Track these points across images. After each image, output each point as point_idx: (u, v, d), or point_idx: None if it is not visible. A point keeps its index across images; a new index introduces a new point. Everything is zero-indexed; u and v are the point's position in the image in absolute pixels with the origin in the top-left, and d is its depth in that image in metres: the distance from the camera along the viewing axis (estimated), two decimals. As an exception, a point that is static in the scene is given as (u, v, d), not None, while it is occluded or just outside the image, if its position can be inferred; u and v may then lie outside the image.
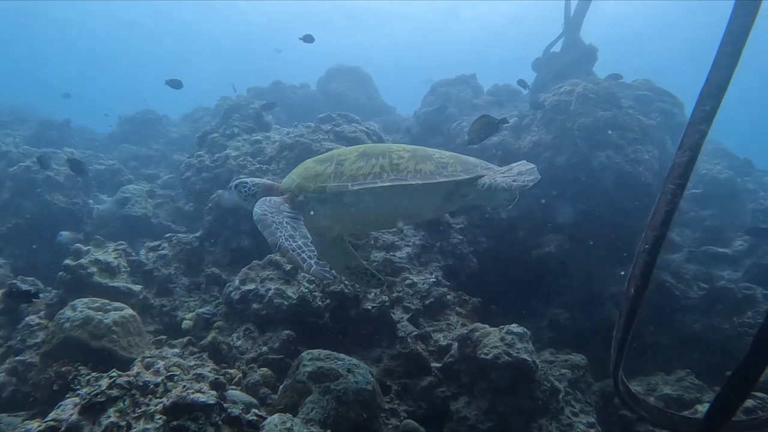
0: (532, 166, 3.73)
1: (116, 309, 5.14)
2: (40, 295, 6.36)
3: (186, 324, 6.10)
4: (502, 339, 4.83)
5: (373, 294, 5.87)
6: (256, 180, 4.27)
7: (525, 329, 4.91)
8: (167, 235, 7.51)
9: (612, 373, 2.29)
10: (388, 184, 3.52)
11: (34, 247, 8.98)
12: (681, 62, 46.36)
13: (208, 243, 7.35)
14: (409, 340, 5.57)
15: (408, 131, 12.37)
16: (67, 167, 9.88)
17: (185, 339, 5.69)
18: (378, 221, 4.29)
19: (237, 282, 5.81)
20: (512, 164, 3.78)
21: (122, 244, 7.02)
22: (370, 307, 5.74)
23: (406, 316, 6.01)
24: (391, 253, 6.73)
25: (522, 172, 3.62)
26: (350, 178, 3.60)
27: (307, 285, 5.62)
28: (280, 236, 3.35)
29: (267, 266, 5.93)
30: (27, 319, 5.80)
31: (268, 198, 3.82)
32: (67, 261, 6.64)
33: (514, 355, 4.66)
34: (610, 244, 7.45)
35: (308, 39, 11.22)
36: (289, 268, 5.77)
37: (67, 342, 4.76)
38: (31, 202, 9.51)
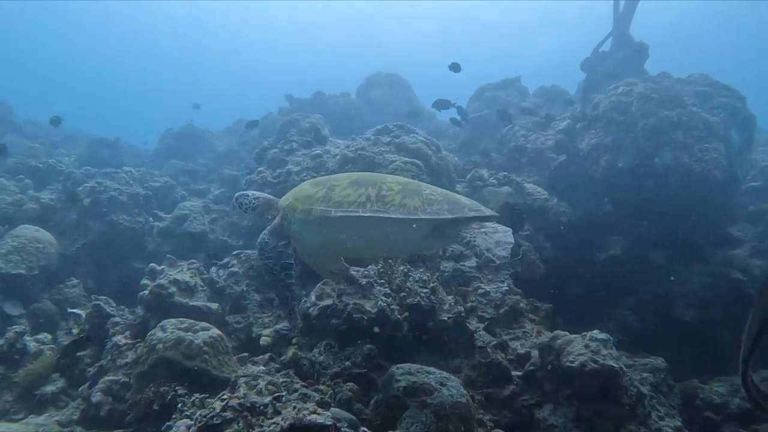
0: (509, 232, 3.63)
1: (204, 329, 5.28)
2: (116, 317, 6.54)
3: (264, 340, 6.20)
4: (586, 346, 4.84)
5: (447, 305, 5.93)
6: (258, 194, 4.55)
7: (608, 335, 4.91)
8: (235, 252, 7.68)
9: (741, 368, 2.31)
10: (369, 214, 3.58)
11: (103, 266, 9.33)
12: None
13: (276, 258, 7.50)
14: (488, 349, 5.62)
15: (456, 137, 12.42)
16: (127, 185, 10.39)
17: (266, 356, 5.77)
18: (361, 249, 4.38)
19: (314, 298, 5.89)
20: (497, 226, 3.72)
21: (194, 263, 7.22)
22: (446, 318, 5.78)
23: (482, 326, 6.07)
24: (461, 263, 6.80)
25: (500, 242, 3.51)
26: (336, 204, 3.71)
27: (384, 299, 5.67)
28: (285, 297, 4.19)
29: (341, 281, 6.01)
30: (114, 339, 5.99)
31: (266, 239, 4.18)
32: (145, 281, 6.86)
33: (601, 361, 4.66)
34: (678, 244, 7.39)
35: (455, 68, 11.04)
36: (364, 282, 5.84)
37: (161, 362, 4.89)
38: (97, 223, 9.85)
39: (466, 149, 11.76)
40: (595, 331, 4.93)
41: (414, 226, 3.65)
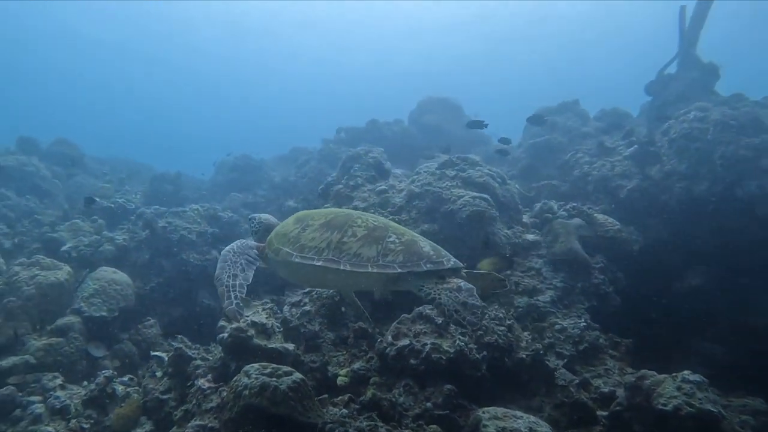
0: (473, 290, 3.49)
1: (286, 374, 5.30)
2: (197, 360, 6.64)
3: (341, 380, 6.18)
4: (679, 388, 4.67)
5: (524, 342, 5.85)
6: (263, 218, 4.77)
7: (701, 377, 4.73)
8: (306, 289, 7.75)
9: None
10: (320, 264, 3.66)
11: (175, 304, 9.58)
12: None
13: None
14: (571, 389, 5.51)
15: (515, 163, 12.30)
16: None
17: (346, 397, 5.75)
18: (330, 287, 4.84)
19: (390, 338, 5.87)
20: (459, 283, 3.56)
21: (269, 303, 7.32)
22: (524, 356, 5.70)
23: (561, 363, 5.95)
24: (534, 298, 6.71)
25: (467, 305, 3.38)
26: (299, 248, 3.83)
27: (461, 338, 5.64)
28: (225, 272, 3.89)
29: (417, 320, 5.99)
30: (198, 383, 6.08)
31: (245, 241, 4.40)
32: (222, 323, 6.98)
33: (698, 405, 4.48)
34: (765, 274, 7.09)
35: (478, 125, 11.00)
36: (440, 321, 5.81)
37: (248, 409, 4.91)
38: (169, 261, 10.16)
39: (526, 176, 11.65)
40: (687, 372, 4.76)
41: (363, 277, 3.68)
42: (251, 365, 5.40)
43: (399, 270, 3.54)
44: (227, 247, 4.25)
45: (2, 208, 13.09)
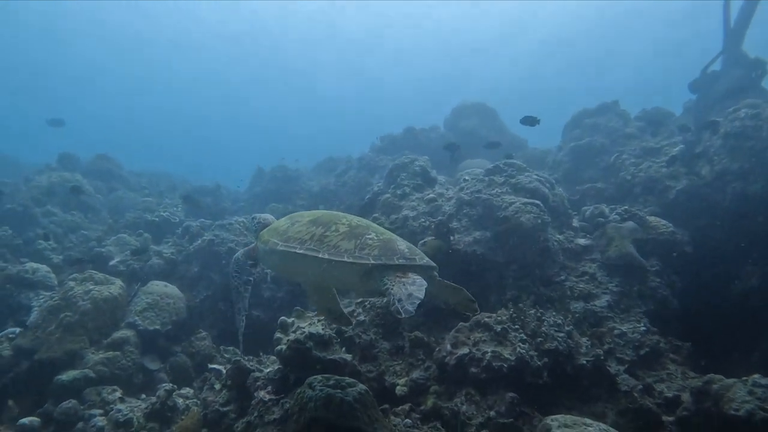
0: (423, 287, 3.46)
1: (350, 385, 5.30)
2: (256, 373, 6.72)
3: (400, 390, 6.17)
4: (750, 392, 4.60)
5: (584, 348, 5.83)
6: (262, 218, 5.15)
7: (774, 380, 4.66)
8: (359, 300, 7.80)
9: None
10: (300, 252, 3.85)
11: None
12: None
13: (400, 306, 7.53)
14: (635, 394, 5.47)
15: (557, 166, 12.21)
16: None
17: (407, 406, 5.74)
18: (308, 281, 4.85)
19: (449, 346, 5.89)
20: (416, 277, 3.58)
21: (323, 314, 7.38)
22: (585, 362, 5.67)
23: (623, 368, 5.91)
24: (590, 303, 6.68)
25: (411, 296, 3.34)
26: (285, 239, 4.06)
27: (521, 345, 5.64)
28: (238, 303, 4.69)
29: (475, 328, 6.00)
30: (259, 395, 6.11)
31: (238, 258, 4.97)
32: (278, 334, 7.04)
33: (772, 410, 4.43)
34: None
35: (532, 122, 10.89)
36: (499, 329, 5.82)
37: (314, 422, 4.85)
38: (218, 274, 10.29)
39: (569, 179, 11.56)
40: (757, 376, 4.68)
41: (339, 267, 3.78)
42: (314, 377, 5.39)
43: (372, 261, 3.65)
44: (230, 273, 4.89)
45: (49, 224, 13.49)
